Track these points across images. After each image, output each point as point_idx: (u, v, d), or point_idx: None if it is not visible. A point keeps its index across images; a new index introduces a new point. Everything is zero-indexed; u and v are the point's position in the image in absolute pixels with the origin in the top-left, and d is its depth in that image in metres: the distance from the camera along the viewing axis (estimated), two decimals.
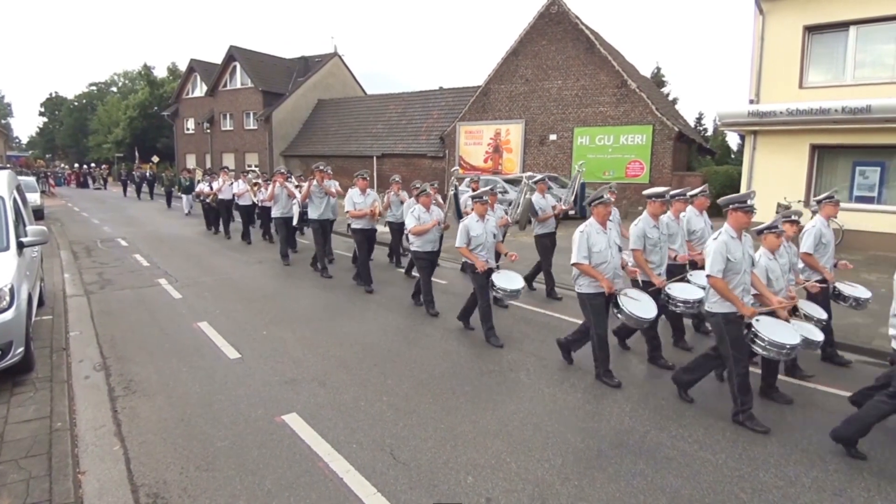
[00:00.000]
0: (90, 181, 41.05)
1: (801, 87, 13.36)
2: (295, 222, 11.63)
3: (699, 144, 24.51)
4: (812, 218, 6.05)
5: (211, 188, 15.59)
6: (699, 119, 34.58)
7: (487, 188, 7.74)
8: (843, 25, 12.74)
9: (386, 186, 11.90)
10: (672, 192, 6.25)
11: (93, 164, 45.80)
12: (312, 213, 9.88)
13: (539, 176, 9.13)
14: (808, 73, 13.40)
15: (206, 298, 8.38)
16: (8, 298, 4.90)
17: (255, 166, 30.41)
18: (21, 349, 4.99)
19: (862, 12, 12.37)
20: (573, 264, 5.20)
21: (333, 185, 10.20)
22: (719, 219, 5.80)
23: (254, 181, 14.35)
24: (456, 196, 9.15)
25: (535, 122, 22.07)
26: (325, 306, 8.07)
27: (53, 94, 68.64)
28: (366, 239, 9.13)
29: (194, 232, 16.36)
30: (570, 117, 21.12)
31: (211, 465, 3.79)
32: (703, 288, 5.39)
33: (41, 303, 7.28)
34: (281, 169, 11.34)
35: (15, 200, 6.41)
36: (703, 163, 23.89)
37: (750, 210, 4.48)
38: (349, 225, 10.38)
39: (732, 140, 30.16)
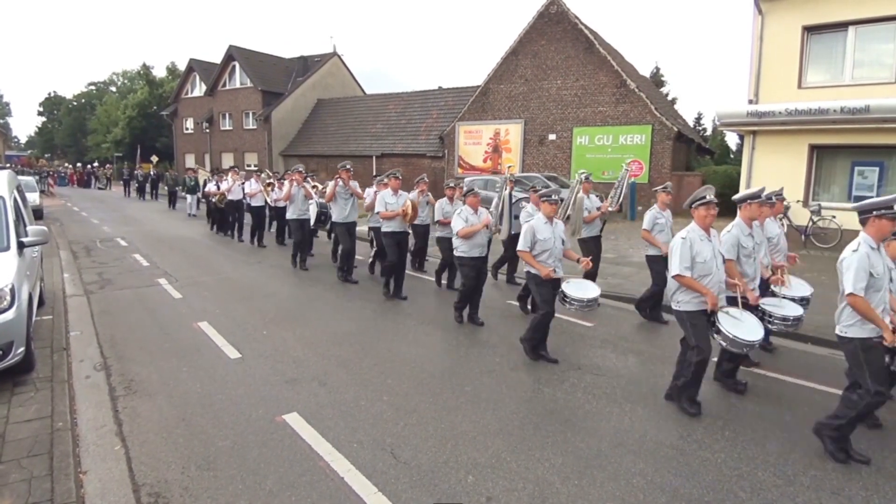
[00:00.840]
0: (93, 181, 40.54)
1: (799, 87, 13.38)
2: (312, 224, 10.98)
3: (698, 144, 24.54)
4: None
5: (218, 188, 15.07)
6: (698, 119, 34.68)
7: (553, 187, 6.97)
8: (842, 26, 12.76)
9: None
10: (767, 194, 5.71)
11: (96, 164, 45.31)
12: (337, 216, 9.33)
13: (585, 172, 8.47)
14: (806, 73, 13.42)
15: (206, 298, 8.38)
16: (9, 298, 4.90)
17: (255, 166, 30.37)
18: (22, 349, 4.99)
19: (861, 13, 12.39)
20: (674, 276, 4.56)
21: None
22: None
23: (267, 181, 13.69)
24: (510, 198, 8.41)
25: (534, 121, 22.09)
26: (326, 306, 8.08)
27: (52, 94, 68.76)
28: (396, 243, 8.38)
29: (194, 232, 16.37)
30: (570, 117, 21.14)
31: (212, 465, 3.80)
32: (801, 302, 5.37)
33: (41, 303, 7.28)
34: (299, 167, 10.84)
35: (15, 200, 6.42)
36: (702, 162, 23.91)
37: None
38: (370, 228, 10.14)
39: (731, 140, 30.25)
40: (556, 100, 21.38)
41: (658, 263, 7.04)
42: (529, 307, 7.58)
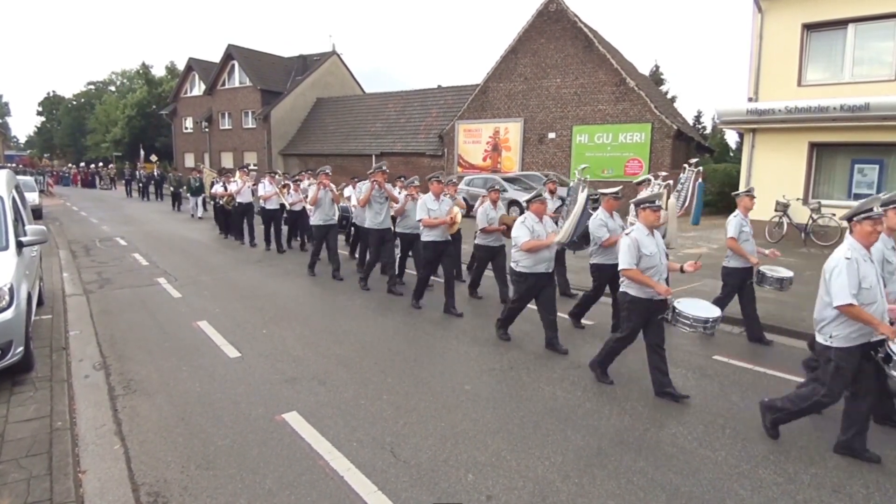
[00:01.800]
0: (97, 181, 39.65)
1: (799, 84, 13.38)
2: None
3: (698, 142, 24.53)
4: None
5: (226, 189, 14.09)
6: (698, 117, 34.65)
7: (656, 192, 6.30)
8: (842, 23, 12.76)
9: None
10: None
11: (100, 163, 44.13)
12: (371, 221, 8.69)
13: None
14: (806, 71, 13.42)
15: (205, 297, 8.37)
16: (7, 298, 4.89)
17: (255, 165, 30.31)
18: (21, 349, 4.98)
19: (860, 10, 12.39)
20: (840, 307, 3.72)
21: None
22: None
23: (283, 182, 12.87)
24: (586, 203, 6.86)
25: (533, 120, 22.07)
26: (325, 305, 8.07)
27: (51, 94, 68.59)
28: (437, 254, 7.63)
29: (194, 231, 16.35)
30: (569, 115, 21.12)
31: (211, 464, 3.79)
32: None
33: (40, 302, 7.27)
34: (326, 170, 9.91)
35: (14, 200, 6.40)
36: (701, 161, 23.89)
37: None
38: (396, 233, 9.24)
39: (731, 138, 30.24)
40: (555, 98, 21.36)
41: (734, 277, 6.38)
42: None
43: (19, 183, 7.90)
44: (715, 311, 5.06)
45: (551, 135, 21.71)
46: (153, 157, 38.77)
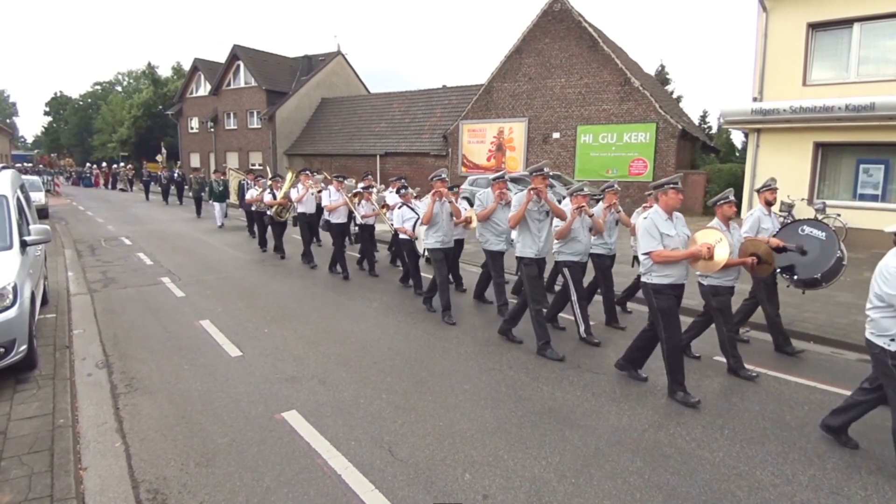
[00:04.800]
0: (117, 182, 37.00)
1: (804, 84, 13.32)
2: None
3: (703, 142, 24.44)
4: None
5: (274, 196, 11.89)
6: (703, 117, 34.52)
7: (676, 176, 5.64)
8: (847, 22, 12.69)
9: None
10: None
11: (121, 164, 41.54)
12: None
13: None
14: (811, 70, 13.36)
15: (208, 297, 8.42)
16: (11, 296, 4.94)
17: (259, 165, 30.42)
18: (24, 347, 5.03)
19: (866, 9, 12.32)
20: None
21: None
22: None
23: (354, 191, 10.61)
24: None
25: (538, 120, 22.05)
26: (327, 305, 8.10)
27: (58, 94, 69.01)
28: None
29: (198, 231, 16.42)
30: (574, 115, 21.08)
31: (211, 462, 3.82)
32: None
33: (45, 301, 7.33)
34: (441, 174, 7.59)
35: (18, 199, 6.47)
36: (706, 161, 23.81)
37: None
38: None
39: (737, 138, 30.07)
40: (559, 98, 21.33)
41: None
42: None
43: (24, 183, 7.97)
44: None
45: (556, 135, 21.69)
46: (159, 157, 38.97)
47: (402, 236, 8.73)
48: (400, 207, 8.77)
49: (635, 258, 7.16)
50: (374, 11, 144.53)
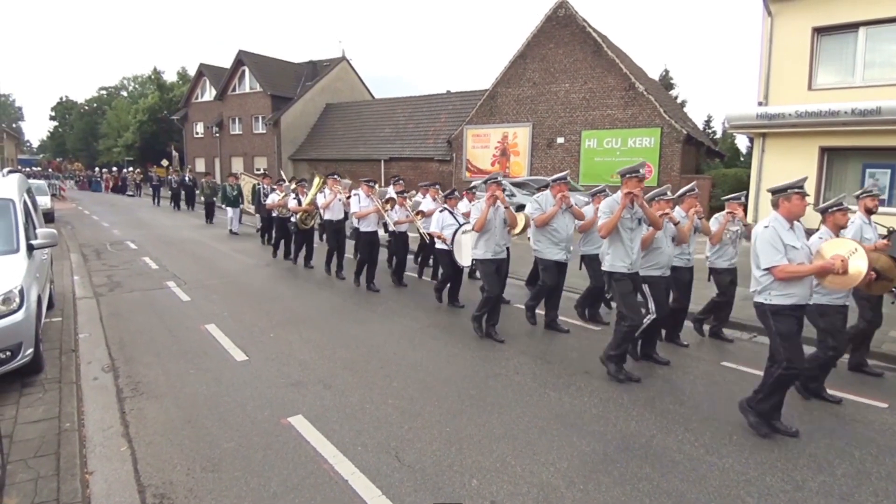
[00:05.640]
0: (126, 187, 36.02)
1: (809, 88, 13.31)
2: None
3: (708, 147, 24.40)
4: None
5: (299, 202, 11.08)
6: (708, 121, 34.42)
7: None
8: (853, 27, 12.68)
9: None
10: None
11: (130, 168, 40.56)
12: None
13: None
14: (816, 74, 13.35)
15: (213, 301, 8.43)
16: (18, 300, 4.95)
17: (264, 170, 30.49)
18: (30, 350, 5.03)
19: (871, 13, 12.32)
20: None
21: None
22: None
23: (388, 196, 9.56)
24: None
25: (542, 125, 22.07)
26: (333, 309, 8.10)
27: (64, 98, 69.50)
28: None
29: (203, 235, 16.46)
30: (578, 120, 21.09)
31: (217, 467, 3.81)
32: None
33: (51, 305, 7.35)
34: (497, 177, 6.72)
35: (25, 203, 6.49)
36: (712, 165, 23.77)
37: None
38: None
39: (742, 142, 30.02)
40: (564, 103, 21.35)
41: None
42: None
43: (31, 187, 8.00)
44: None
45: (560, 139, 21.70)
46: (164, 162, 39.09)
47: (439, 245, 8.12)
48: (441, 212, 8.12)
49: (711, 271, 6.64)
50: (379, 17, 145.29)
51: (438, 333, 6.89)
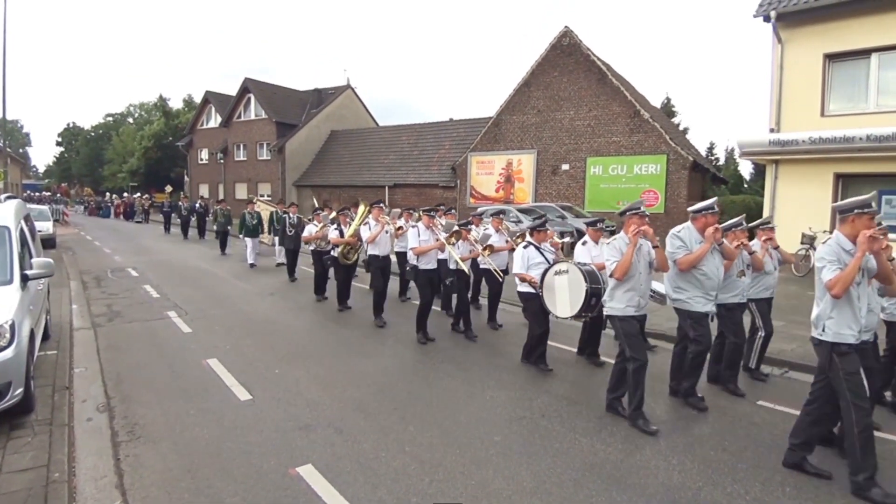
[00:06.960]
0: (134, 213, 34.84)
1: (822, 115, 13.15)
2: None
3: (713, 174, 24.29)
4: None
5: (341, 233, 9.60)
6: (710, 148, 34.45)
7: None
8: (865, 53, 12.58)
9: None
10: None
11: (137, 194, 40.14)
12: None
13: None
14: (829, 101, 13.20)
15: (216, 332, 8.07)
16: (8, 336, 4.62)
17: (268, 196, 30.38)
18: (20, 390, 4.69)
19: (883, 39, 12.22)
20: None
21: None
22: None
23: (454, 228, 7.83)
24: None
25: (547, 151, 21.98)
26: (339, 342, 7.73)
27: (71, 124, 70.20)
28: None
29: (206, 262, 16.14)
30: (583, 147, 21.00)
31: None
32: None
33: (46, 336, 7.00)
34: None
35: (22, 231, 6.21)
36: (717, 192, 23.60)
37: None
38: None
39: (745, 169, 29.96)
40: (568, 130, 21.29)
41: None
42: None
43: (29, 213, 7.74)
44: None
45: (565, 166, 21.57)
46: (168, 188, 39.09)
47: (523, 288, 6.58)
48: (525, 248, 6.66)
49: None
50: (384, 44, 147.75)
51: (453, 370, 6.51)
